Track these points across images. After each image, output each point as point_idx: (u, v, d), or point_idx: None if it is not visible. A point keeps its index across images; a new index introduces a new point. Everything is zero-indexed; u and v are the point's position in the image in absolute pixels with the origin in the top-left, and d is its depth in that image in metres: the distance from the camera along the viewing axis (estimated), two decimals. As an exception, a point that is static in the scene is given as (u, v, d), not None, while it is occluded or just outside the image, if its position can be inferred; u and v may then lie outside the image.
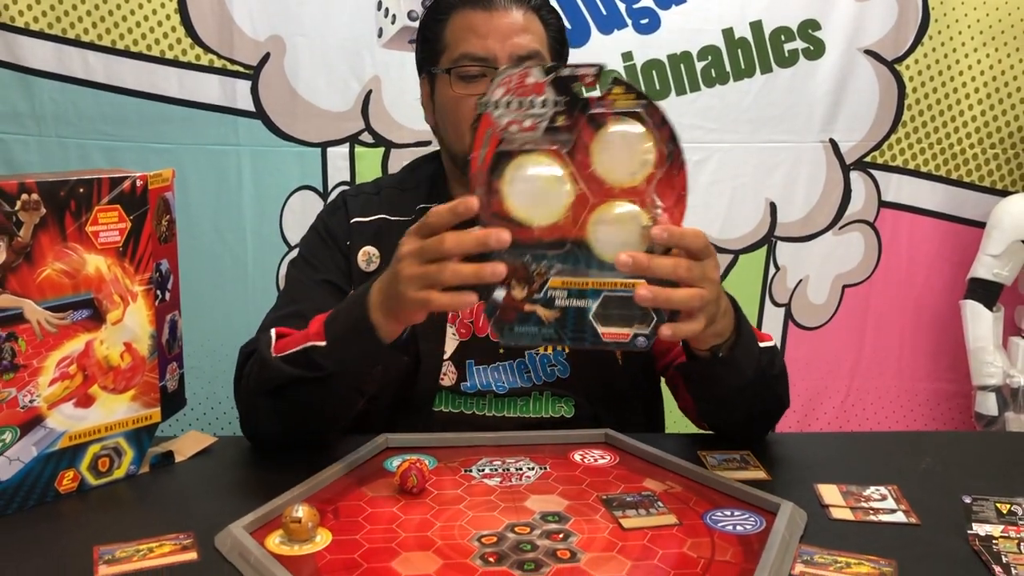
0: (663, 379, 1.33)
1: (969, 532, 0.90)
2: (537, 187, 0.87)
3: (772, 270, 2.20)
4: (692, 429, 2.05)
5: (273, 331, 1.08)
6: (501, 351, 1.22)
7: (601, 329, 0.88)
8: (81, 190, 0.94)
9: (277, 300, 1.25)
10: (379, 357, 1.00)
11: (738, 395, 1.07)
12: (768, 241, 2.18)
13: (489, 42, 1.18)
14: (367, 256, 1.23)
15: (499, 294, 0.87)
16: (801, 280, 2.21)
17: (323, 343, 1.00)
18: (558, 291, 0.87)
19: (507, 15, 1.19)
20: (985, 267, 2.10)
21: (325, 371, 1.00)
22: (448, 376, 1.20)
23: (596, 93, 0.85)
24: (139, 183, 0.99)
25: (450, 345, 1.21)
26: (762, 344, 1.08)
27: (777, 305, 2.22)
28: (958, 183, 2.20)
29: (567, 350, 1.22)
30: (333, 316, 1.01)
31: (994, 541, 0.88)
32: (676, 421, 2.09)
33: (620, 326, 0.88)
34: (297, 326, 1.07)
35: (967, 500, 0.94)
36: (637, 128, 0.86)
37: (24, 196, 0.90)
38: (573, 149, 0.86)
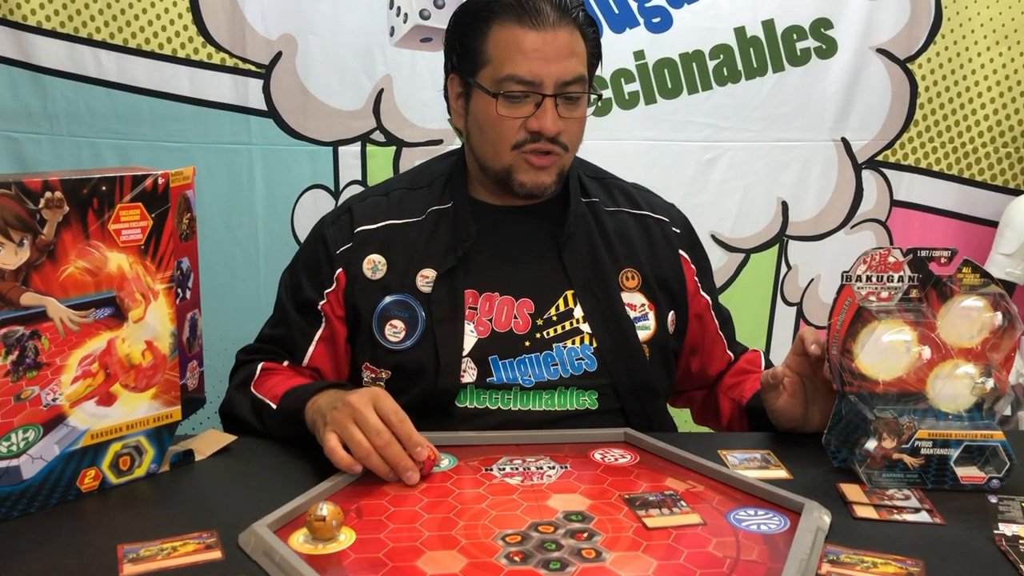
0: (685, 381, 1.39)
1: (995, 532, 0.89)
2: (886, 348, 1.02)
3: (784, 269, 2.19)
4: (698, 427, 2.05)
5: (260, 366, 1.23)
6: (527, 344, 1.22)
7: (960, 472, 1.00)
8: (103, 188, 0.94)
9: (273, 310, 1.32)
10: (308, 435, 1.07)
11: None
12: (780, 240, 2.18)
13: (536, 65, 1.15)
14: (372, 264, 1.24)
15: (870, 445, 1.00)
16: (812, 279, 2.21)
17: (275, 407, 1.13)
18: (924, 441, 1.00)
19: (555, 37, 1.16)
20: (998, 266, 2.09)
21: (266, 428, 1.15)
22: (468, 373, 1.20)
23: (947, 272, 1.04)
24: (161, 181, 0.99)
25: (468, 342, 1.21)
26: None
27: (788, 304, 2.22)
28: (970, 182, 2.19)
29: (595, 343, 1.22)
30: (289, 392, 1.13)
31: (1021, 541, 0.87)
32: (688, 420, 2.09)
33: (977, 469, 1.01)
34: (278, 348, 1.27)
35: (992, 500, 0.94)
36: (979, 302, 1.03)
37: (48, 194, 0.90)
38: (922, 316, 1.03)
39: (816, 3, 2.08)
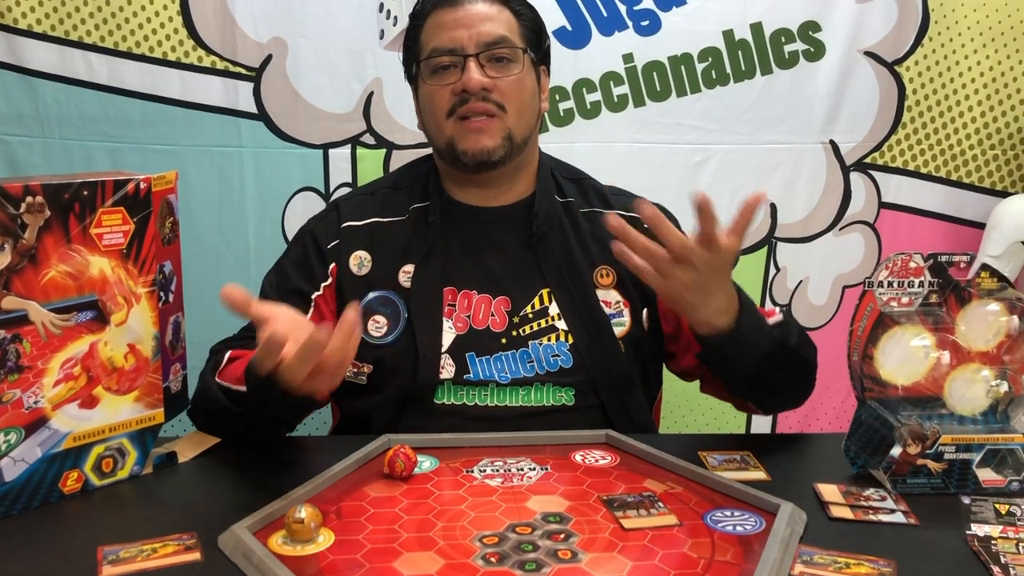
0: (684, 376, 1.39)
1: (968, 532, 0.90)
2: (906, 353, 1.04)
3: (772, 271, 2.20)
4: (689, 429, 2.06)
5: (228, 354, 1.17)
6: (503, 341, 1.23)
7: (982, 477, 1.01)
8: (85, 192, 0.95)
9: None
10: (284, 398, 0.99)
11: (760, 368, 1.12)
12: (768, 242, 2.18)
13: (455, 33, 1.23)
14: (358, 260, 1.27)
15: (896, 451, 1.01)
16: (801, 281, 2.21)
17: (243, 388, 1.05)
18: (947, 446, 1.00)
19: (472, 7, 1.24)
20: (985, 268, 2.10)
21: (245, 409, 1.07)
22: (447, 369, 1.22)
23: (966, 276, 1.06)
24: (143, 185, 1.00)
25: (447, 338, 1.23)
26: (771, 320, 1.15)
27: (777, 306, 2.22)
28: (958, 184, 2.20)
29: (571, 340, 1.23)
30: (249, 364, 1.03)
31: (993, 542, 0.88)
32: (677, 421, 2.10)
33: (998, 473, 1.02)
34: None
35: (966, 501, 0.95)
36: (996, 306, 1.04)
37: (29, 199, 0.90)
38: (941, 321, 1.05)
39: (804, 6, 2.08)
